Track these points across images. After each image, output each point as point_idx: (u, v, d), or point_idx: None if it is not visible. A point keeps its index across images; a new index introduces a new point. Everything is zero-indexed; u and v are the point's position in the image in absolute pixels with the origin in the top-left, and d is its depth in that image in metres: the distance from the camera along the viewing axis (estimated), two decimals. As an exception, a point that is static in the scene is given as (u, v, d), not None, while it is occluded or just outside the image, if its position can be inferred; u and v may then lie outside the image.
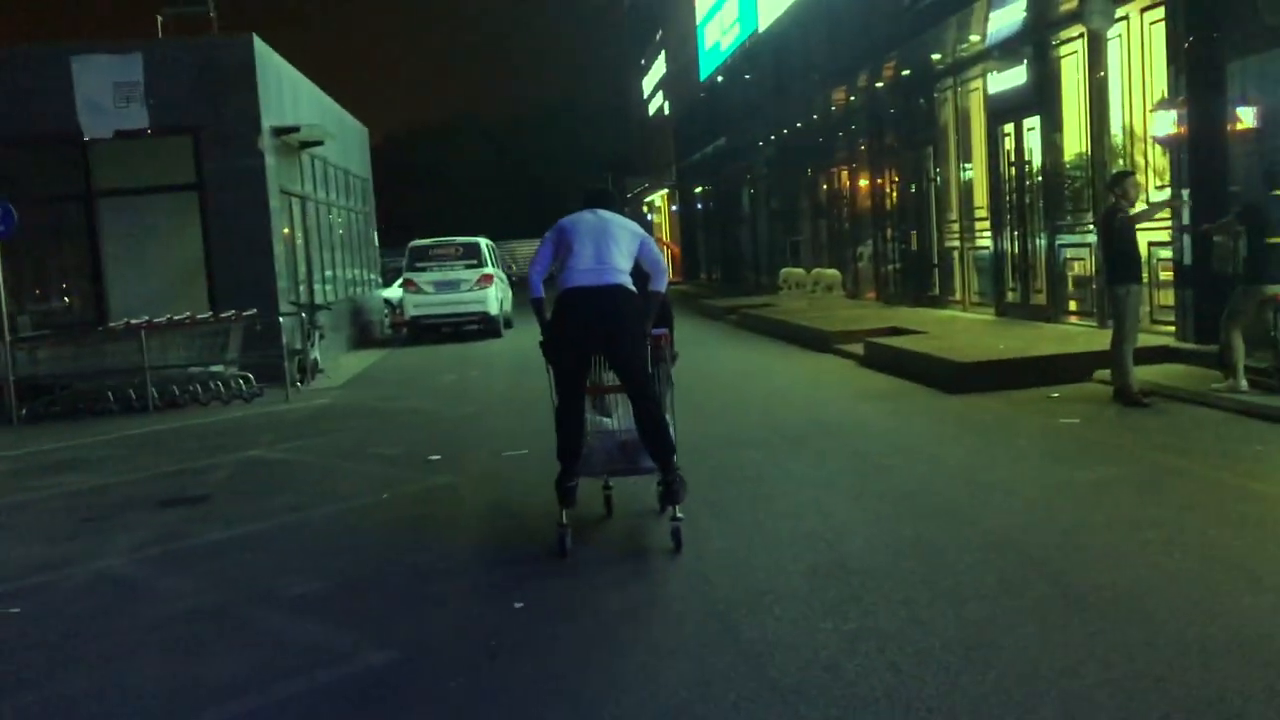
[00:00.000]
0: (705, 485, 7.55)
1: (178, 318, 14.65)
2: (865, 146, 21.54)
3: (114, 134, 15.80)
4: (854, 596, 5.12)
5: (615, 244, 6.11)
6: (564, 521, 6.10)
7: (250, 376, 14.81)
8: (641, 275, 6.24)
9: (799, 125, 25.17)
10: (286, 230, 17.56)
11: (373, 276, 26.86)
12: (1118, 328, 9.78)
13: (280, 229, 16.82)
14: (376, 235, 27.90)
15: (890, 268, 20.34)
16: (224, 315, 14.89)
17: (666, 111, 48.15)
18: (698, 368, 14.68)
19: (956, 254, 17.42)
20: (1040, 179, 14.46)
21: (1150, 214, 10.48)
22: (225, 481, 9.16)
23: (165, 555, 6.88)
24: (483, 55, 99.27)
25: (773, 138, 27.55)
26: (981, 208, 16.45)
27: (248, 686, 4.64)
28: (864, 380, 12.51)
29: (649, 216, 56.76)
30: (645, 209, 56.90)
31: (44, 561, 6.88)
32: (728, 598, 5.24)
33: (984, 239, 16.34)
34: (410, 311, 22.70)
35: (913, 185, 19.03)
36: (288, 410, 13.50)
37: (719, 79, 33.90)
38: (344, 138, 23.67)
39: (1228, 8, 10.75)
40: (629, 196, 58.26)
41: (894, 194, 19.99)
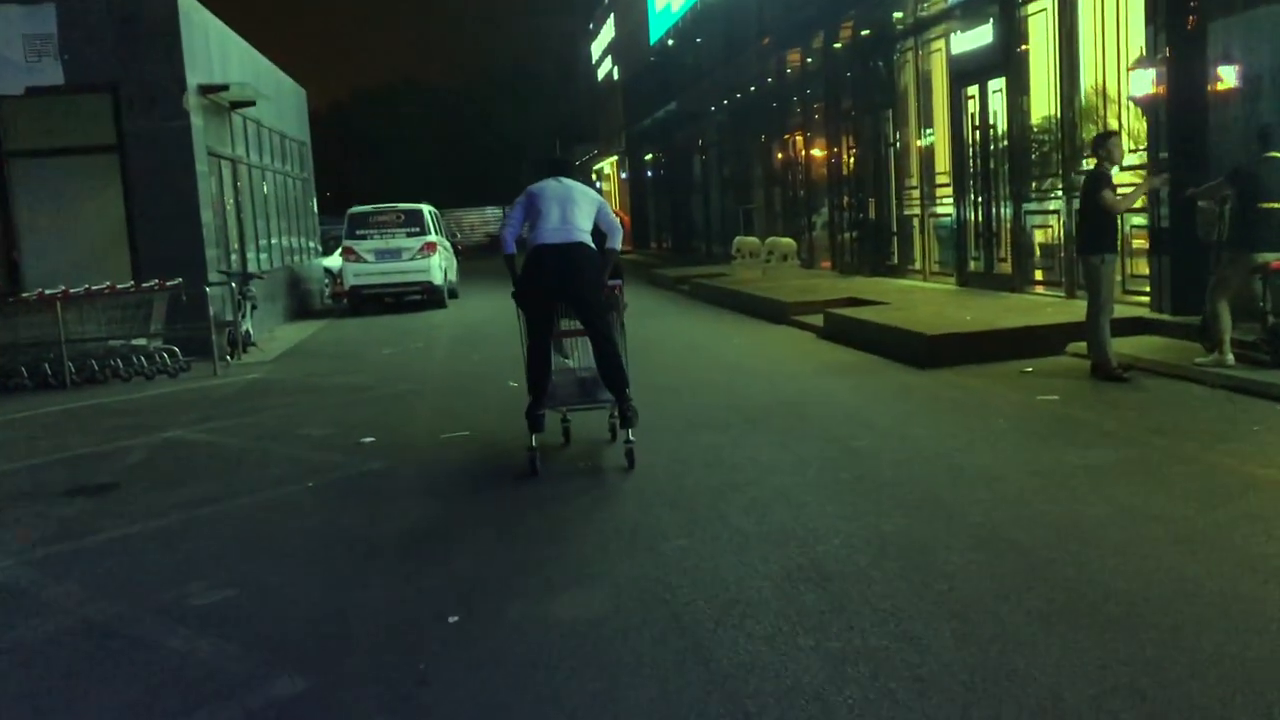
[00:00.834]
0: (661, 475, 6.92)
1: (96, 287, 13.72)
2: (821, 111, 20.92)
3: (25, 90, 14.74)
4: (836, 606, 4.51)
5: (578, 208, 7.10)
6: (533, 445, 7.07)
7: (176, 350, 13.96)
8: (599, 235, 7.21)
9: (752, 89, 24.51)
10: (216, 195, 16.61)
11: (312, 244, 25.86)
12: (1093, 299, 9.27)
13: (209, 194, 15.88)
14: (316, 202, 26.86)
15: (847, 236, 19.79)
16: (146, 285, 13.98)
17: (615, 77, 47.26)
18: (649, 341, 14.03)
19: (916, 222, 16.89)
20: (1006, 143, 13.93)
21: (1134, 198, 9.94)
22: (138, 467, 8.38)
23: (58, 555, 6.11)
24: (428, 20, 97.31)
25: (725, 102, 26.86)
26: (943, 174, 15.91)
27: (130, 725, 3.94)
28: (825, 353, 11.93)
29: (597, 184, 55.91)
30: (594, 176, 56.02)
31: (-82, 564, 6.10)
32: (692, 609, 4.61)
33: (946, 206, 15.82)
34: (350, 281, 21.81)
35: (871, 151, 18.44)
36: (214, 386, 12.67)
37: (669, 42, 33.10)
38: (280, 99, 22.62)
39: (1208, -38, 10.23)
40: (578, 164, 57.36)
41: (851, 160, 19.40)
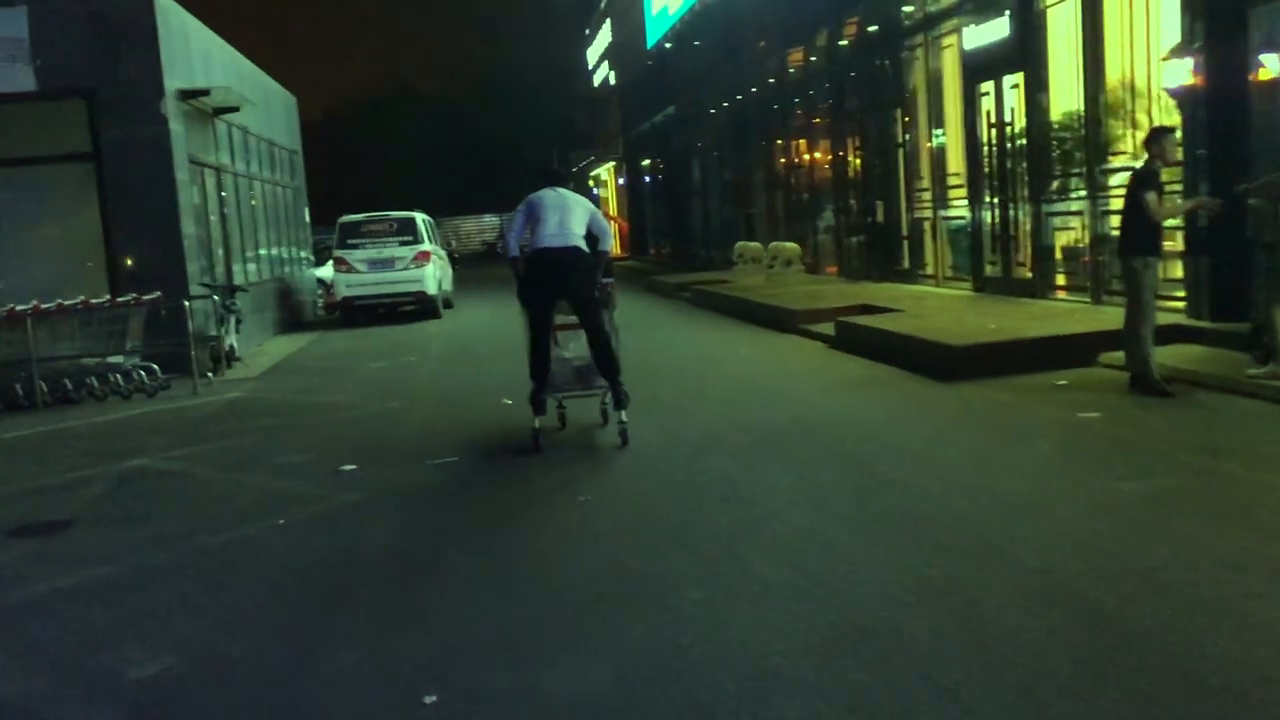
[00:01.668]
0: (670, 509, 6.21)
1: (69, 303, 13.02)
2: (825, 112, 20.23)
3: (-5, 97, 14.06)
4: (883, 680, 3.80)
5: (573, 215, 7.89)
6: (536, 426, 7.89)
7: (155, 367, 13.24)
8: (591, 238, 8.00)
9: (753, 90, 23.82)
10: (198, 205, 15.92)
11: (304, 255, 25.17)
12: (1133, 305, 8.56)
13: (190, 203, 15.18)
14: (308, 211, 26.17)
15: (853, 240, 19.09)
16: (122, 299, 13.27)
17: (612, 82, 46.60)
18: (650, 352, 13.36)
19: (928, 225, 16.19)
20: (1024, 142, 13.22)
21: (1176, 211, 9.22)
22: (96, 501, 7.67)
23: (-11, 611, 5.41)
24: (423, 28, 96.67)
25: (725, 105, 26.18)
26: (957, 174, 15.22)
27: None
28: (839, 365, 11.22)
29: (594, 191, 55.22)
30: (591, 183, 55.33)
31: None
32: (713, 684, 3.89)
33: (959, 208, 15.11)
34: (342, 292, 21.11)
35: (878, 152, 17.74)
36: (192, 407, 11.97)
37: (667, 45, 32.41)
38: (268, 106, 21.95)
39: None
40: (574, 171, 56.67)
41: (857, 162, 18.71)
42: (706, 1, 26.35)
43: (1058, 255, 12.83)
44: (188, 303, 13.30)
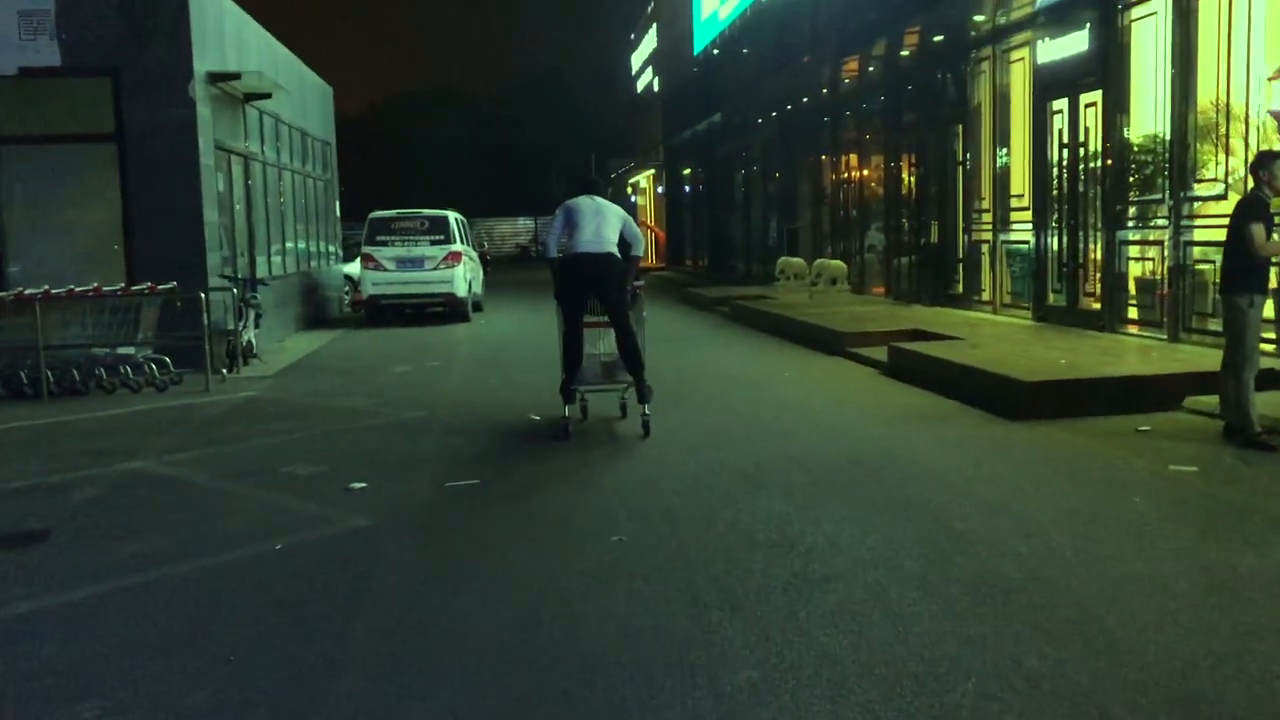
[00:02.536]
0: (718, 558, 5.43)
1: (80, 289, 12.41)
2: (879, 126, 19.41)
3: (18, 71, 13.47)
4: (996, 818, 3.01)
5: (608, 223, 8.47)
6: (566, 415, 8.42)
7: (167, 361, 12.62)
8: (624, 244, 8.59)
9: (804, 101, 23.03)
10: (223, 193, 15.30)
11: (333, 249, 24.57)
12: (1233, 348, 7.72)
13: (214, 191, 14.56)
14: (339, 205, 25.58)
15: (904, 261, 18.25)
16: (136, 288, 12.65)
17: (655, 88, 45.93)
18: (686, 369, 12.64)
19: (986, 248, 15.34)
20: (1099, 164, 12.38)
21: None
22: (81, 509, 6.97)
23: (-66, 642, 4.70)
24: (467, 28, 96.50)
25: (773, 114, 25.38)
26: (1021, 196, 14.37)
27: None
28: (894, 395, 10.41)
29: (632, 198, 54.55)
30: (629, 190, 54.68)
31: None
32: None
33: (1022, 231, 14.27)
34: (368, 290, 20.47)
35: (936, 169, 16.91)
36: (203, 405, 11.31)
37: (714, 52, 31.70)
38: (302, 94, 21.36)
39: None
40: (612, 177, 56.03)
41: (912, 179, 17.88)
42: (760, 7, 25.59)
43: (1130, 287, 11.97)
44: (204, 294, 12.70)
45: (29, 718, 3.93)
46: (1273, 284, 9.52)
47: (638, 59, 51.66)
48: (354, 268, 23.80)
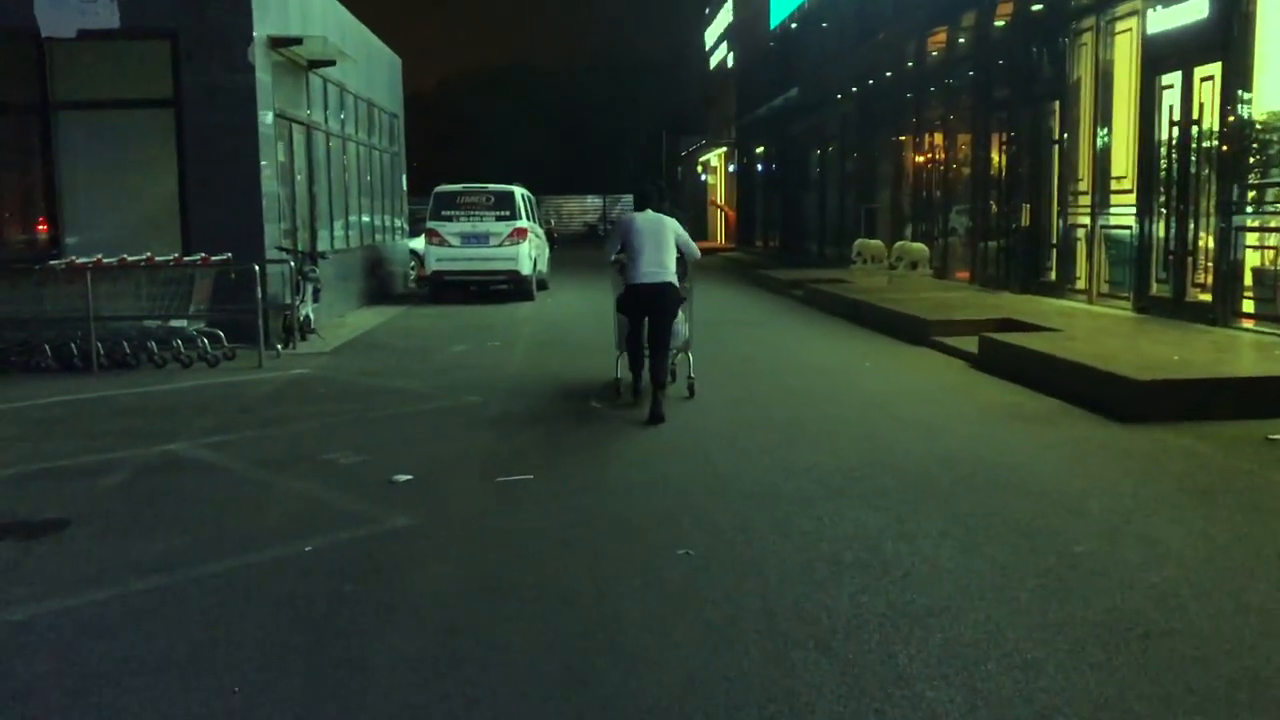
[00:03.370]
0: (797, 576, 4.74)
1: (132, 259, 12.00)
2: (967, 102, 18.41)
3: (77, 34, 13.08)
4: None
5: (665, 244, 8.86)
6: (636, 392, 9.03)
7: (220, 335, 12.19)
8: (679, 256, 9.08)
9: (886, 75, 22.06)
10: (284, 162, 14.84)
11: (399, 224, 24.14)
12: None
13: (274, 160, 14.09)
14: (405, 179, 25.12)
15: (991, 245, 17.29)
16: (189, 259, 12.22)
17: (729, 64, 44.96)
18: (758, 357, 11.93)
19: (1082, 233, 14.36)
20: (1215, 143, 11.39)
21: None
22: (107, 496, 6.47)
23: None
24: (538, 2, 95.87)
25: (853, 90, 24.42)
26: (1123, 178, 13.38)
27: None
28: (988, 391, 9.59)
29: (703, 177, 53.67)
30: (699, 169, 53.80)
31: None
32: None
33: (1124, 216, 13.29)
34: (432, 266, 19.98)
35: (1029, 148, 15.91)
36: (253, 382, 10.84)
37: (793, 25, 30.75)
38: (369, 64, 20.88)
39: None
40: (683, 155, 55.16)
41: (1002, 159, 16.89)
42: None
43: (1246, 278, 10.99)
44: (260, 267, 12.23)
45: (-8, 760, 3.37)
46: None
47: (712, 34, 50.68)
48: (420, 243, 23.37)
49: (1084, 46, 14.33)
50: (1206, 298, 11.64)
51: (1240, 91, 10.96)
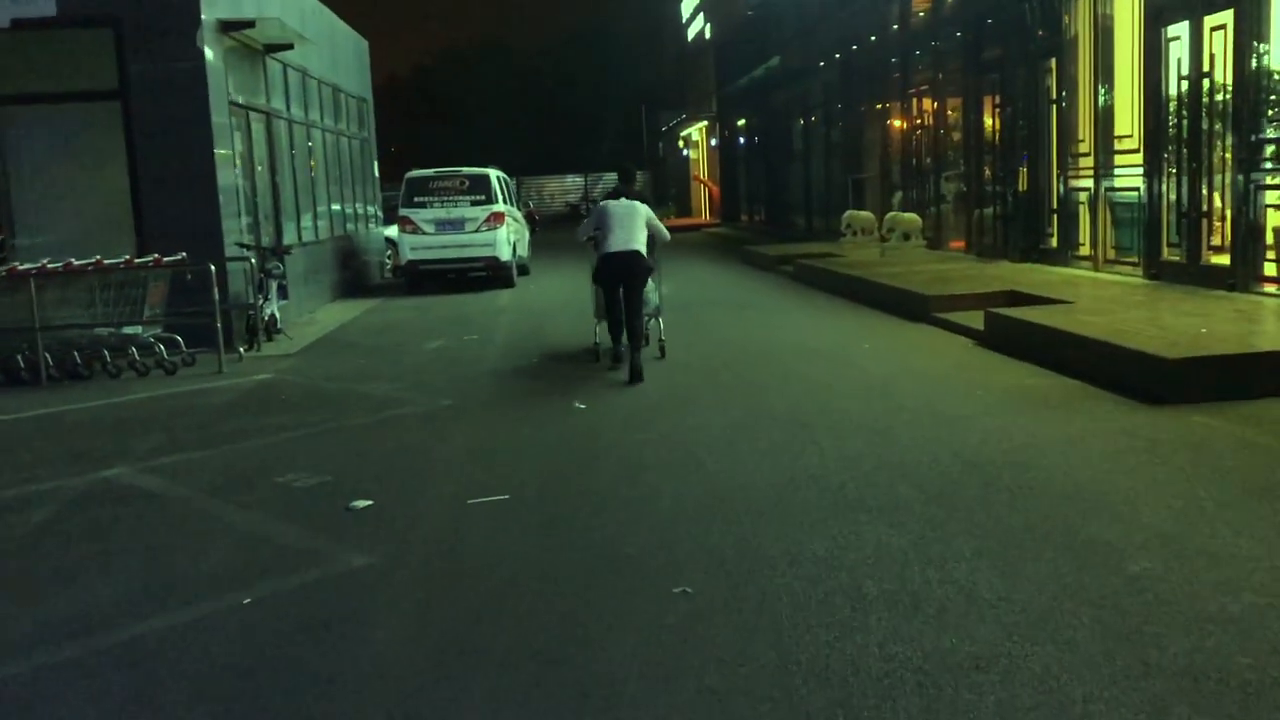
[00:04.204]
0: (812, 614, 4.02)
1: (80, 263, 11.22)
2: (957, 64, 17.65)
3: (10, 23, 12.24)
4: None
5: (636, 225, 9.86)
6: (615, 349, 10.06)
7: (179, 340, 11.43)
8: (650, 236, 10.06)
9: (871, 39, 21.27)
10: (242, 153, 14.03)
11: (372, 212, 23.32)
12: None
13: (231, 151, 13.29)
14: (377, 165, 24.29)
15: (987, 212, 16.58)
16: (140, 261, 11.44)
17: (707, 35, 44.03)
18: (752, 342, 11.25)
19: (1085, 196, 13.65)
20: (1228, 97, 10.68)
21: None
22: (26, 539, 5.75)
23: None
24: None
25: (836, 56, 23.62)
26: (1129, 136, 12.67)
27: None
28: (999, 373, 8.89)
29: (685, 152, 52.77)
30: (681, 144, 52.90)
31: None
32: None
33: (1130, 176, 12.59)
34: (406, 255, 19.19)
35: (1025, 109, 15.17)
36: (212, 389, 10.12)
37: (771, -8, 29.85)
38: (334, 48, 20.03)
39: None
40: (663, 130, 54.22)
41: (995, 121, 16.16)
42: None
43: (1268, 237, 10.30)
44: (215, 266, 11.44)
45: None
46: None
47: (687, 6, 49.68)
48: (395, 231, 22.56)
49: (1080, 0, 13.57)
50: (1223, 261, 10.96)
51: (1255, 41, 10.24)
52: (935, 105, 18.91)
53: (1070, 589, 4.25)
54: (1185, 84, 11.35)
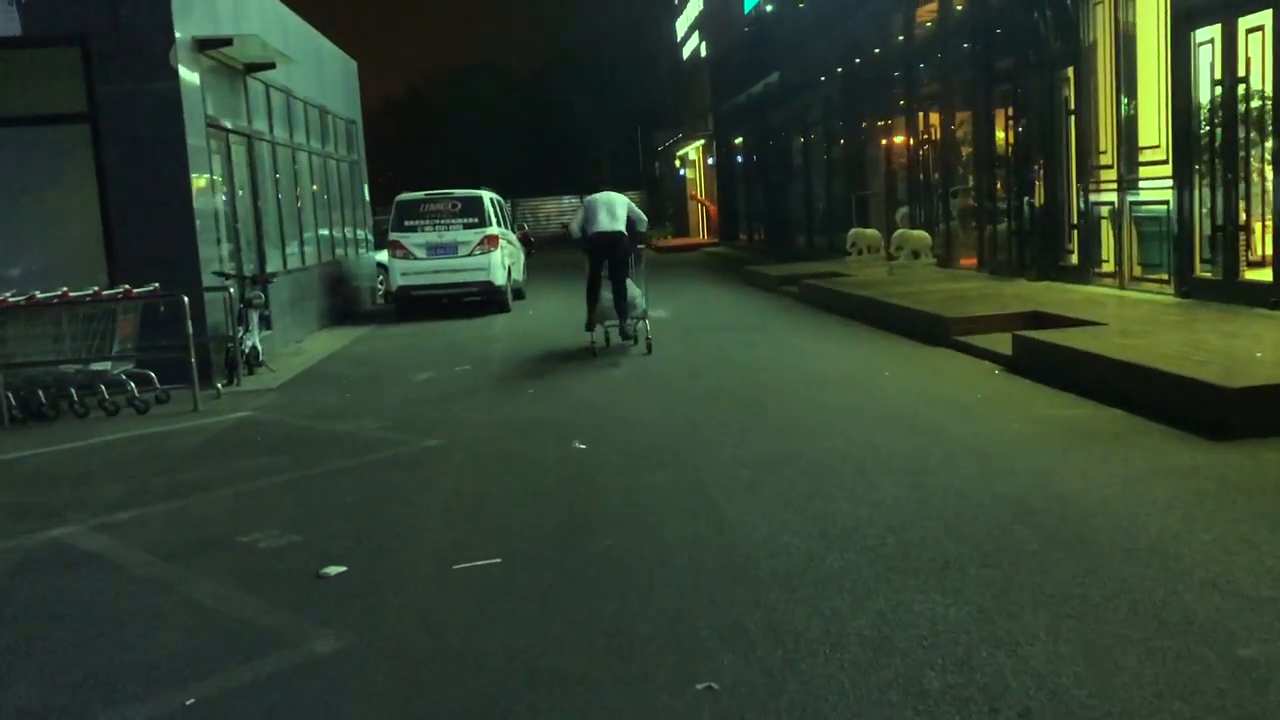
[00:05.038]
0: (865, 717, 3.30)
1: (44, 296, 10.54)
2: (965, 75, 17.02)
3: (-28, 44, 11.61)
4: None
5: (617, 211, 12.08)
6: (593, 342, 12.27)
7: (152, 376, 10.74)
8: (630, 222, 12.23)
9: (875, 52, 20.67)
10: (221, 177, 13.36)
11: (363, 236, 22.66)
12: None
13: (208, 175, 12.62)
14: (368, 188, 23.64)
15: (1000, 229, 15.91)
16: (109, 292, 10.76)
17: (703, 53, 43.52)
18: (764, 369, 10.59)
19: (1108, 210, 12.98)
20: (1270, 104, 10.03)
21: None
22: (-47, 616, 5.02)
23: None
24: (503, 1, 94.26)
25: (837, 70, 23.02)
26: (1155, 147, 12.01)
27: None
28: (1034, 403, 8.19)
29: (681, 172, 52.19)
30: (677, 163, 52.33)
31: None
32: None
33: (1157, 189, 11.92)
34: (397, 280, 18.53)
35: (1040, 120, 14.52)
36: (183, 431, 9.41)
37: (768, 7, 29.32)
38: (320, 68, 19.41)
39: None
40: (659, 150, 53.67)
41: (1008, 134, 15.51)
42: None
43: (1314, 254, 9.63)
44: (189, 297, 10.74)
45: None
46: None
47: (683, 24, 49.24)
48: (386, 255, 21.86)
49: (1100, 5, 12.94)
50: (1263, 277, 10.29)
51: (1297, 42, 9.60)
52: (943, 118, 18.27)
53: (1174, 682, 3.54)
54: (1218, 90, 10.69)
